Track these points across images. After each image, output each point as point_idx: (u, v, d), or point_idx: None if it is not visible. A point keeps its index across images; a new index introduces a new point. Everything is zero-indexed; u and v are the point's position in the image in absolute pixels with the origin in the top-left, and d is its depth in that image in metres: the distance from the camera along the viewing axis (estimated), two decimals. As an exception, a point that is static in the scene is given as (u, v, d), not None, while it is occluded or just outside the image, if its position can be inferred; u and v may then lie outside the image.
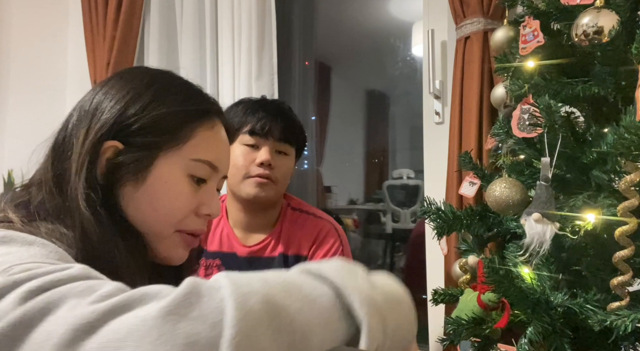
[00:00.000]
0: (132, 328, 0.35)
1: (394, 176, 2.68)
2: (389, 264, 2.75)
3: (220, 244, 1.23)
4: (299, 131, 1.22)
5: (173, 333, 0.35)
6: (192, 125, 0.63)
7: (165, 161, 0.61)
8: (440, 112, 1.66)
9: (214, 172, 0.67)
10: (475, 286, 0.95)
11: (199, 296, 0.37)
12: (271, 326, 0.38)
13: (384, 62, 2.61)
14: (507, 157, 1.02)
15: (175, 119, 0.62)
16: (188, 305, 0.37)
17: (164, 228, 0.62)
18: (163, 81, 0.66)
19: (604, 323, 0.76)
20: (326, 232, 1.19)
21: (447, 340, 0.98)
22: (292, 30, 2.45)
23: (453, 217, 1.02)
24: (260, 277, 0.42)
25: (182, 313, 0.36)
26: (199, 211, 0.65)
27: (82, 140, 0.60)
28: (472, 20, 1.48)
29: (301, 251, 1.18)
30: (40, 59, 2.47)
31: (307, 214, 1.24)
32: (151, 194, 0.61)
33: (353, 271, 0.47)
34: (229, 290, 0.38)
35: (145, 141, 0.61)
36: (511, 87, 0.97)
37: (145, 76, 0.65)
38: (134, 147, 0.61)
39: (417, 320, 0.49)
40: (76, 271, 0.42)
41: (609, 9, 0.80)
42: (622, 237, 0.75)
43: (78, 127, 0.61)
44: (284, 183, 1.19)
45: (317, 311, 0.41)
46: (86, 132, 0.60)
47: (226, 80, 2.09)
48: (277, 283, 0.42)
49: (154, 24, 2.25)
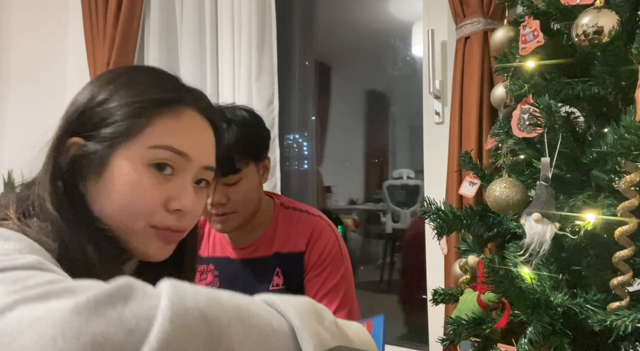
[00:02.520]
0: (37, 320, 0.33)
1: (394, 176, 2.69)
2: (389, 264, 2.75)
3: (213, 250, 1.22)
4: (244, 152, 1.07)
5: (80, 330, 0.33)
6: (149, 113, 0.60)
7: (122, 153, 0.59)
8: (440, 112, 1.66)
9: (182, 160, 0.62)
10: (475, 286, 0.95)
11: (126, 299, 0.35)
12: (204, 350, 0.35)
13: (384, 62, 2.61)
14: (507, 157, 1.02)
15: (129, 111, 0.60)
16: (108, 304, 0.35)
17: (132, 222, 0.59)
18: (127, 76, 0.64)
19: (604, 323, 0.76)
20: (321, 228, 1.18)
21: (447, 340, 0.98)
22: (292, 30, 2.45)
23: (453, 217, 1.02)
24: (213, 295, 0.39)
25: (99, 312, 0.34)
26: (168, 206, 0.61)
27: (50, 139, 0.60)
28: (472, 20, 1.48)
29: (297, 248, 1.17)
30: (41, 59, 2.47)
31: (300, 212, 1.22)
32: (112, 189, 0.59)
33: (319, 315, 0.44)
34: (167, 301, 0.36)
35: (102, 135, 0.59)
36: (511, 87, 0.97)
37: (113, 74, 0.65)
38: (94, 142, 0.60)
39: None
40: (24, 261, 0.41)
41: (609, 9, 0.80)
42: (622, 237, 0.75)
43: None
44: (247, 205, 1.11)
45: (264, 347, 0.39)
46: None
47: (226, 80, 2.09)
48: (230, 305, 0.39)
49: (154, 24, 2.26)
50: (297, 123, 2.55)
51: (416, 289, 2.30)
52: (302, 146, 2.64)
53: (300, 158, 2.65)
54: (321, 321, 0.44)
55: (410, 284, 2.46)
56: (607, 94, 0.84)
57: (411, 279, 2.44)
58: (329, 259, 1.15)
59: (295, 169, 2.65)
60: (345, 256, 1.19)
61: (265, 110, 2.01)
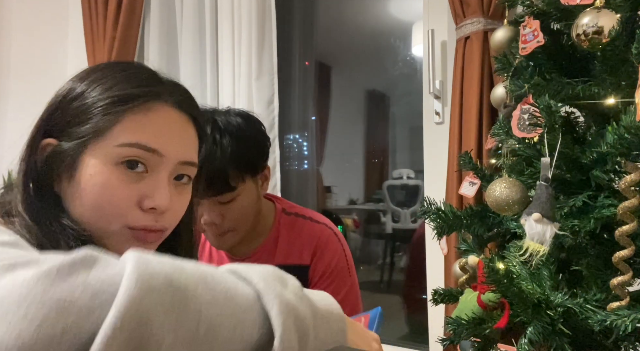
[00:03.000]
0: (1, 288, 0.34)
1: (394, 176, 2.68)
2: (389, 264, 2.75)
3: (210, 259, 1.16)
4: (239, 168, 0.97)
5: (43, 296, 0.33)
6: (116, 110, 0.58)
7: (92, 152, 0.58)
8: (440, 112, 1.66)
9: (155, 157, 0.59)
10: (475, 286, 0.95)
11: (89, 265, 0.36)
12: (172, 312, 0.36)
13: (384, 62, 2.60)
14: (507, 158, 1.02)
15: (96, 108, 0.58)
16: (72, 271, 0.35)
17: (107, 223, 0.58)
18: (101, 73, 0.62)
19: (604, 323, 0.75)
20: (326, 238, 1.11)
21: (447, 340, 0.98)
22: (292, 30, 2.46)
23: (453, 217, 1.02)
24: (177, 263, 0.40)
25: (61, 278, 0.34)
26: (142, 205, 0.59)
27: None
28: (472, 20, 1.48)
29: (302, 260, 1.09)
30: (40, 59, 2.47)
31: (303, 219, 1.14)
32: (83, 189, 0.58)
33: (283, 280, 0.45)
34: (132, 267, 0.36)
35: (74, 133, 0.58)
36: (511, 87, 0.97)
37: (89, 70, 0.63)
38: (66, 141, 0.59)
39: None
40: (1, 238, 0.42)
41: (609, 9, 0.80)
42: (622, 237, 0.75)
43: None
44: (244, 222, 1.03)
45: (231, 309, 0.39)
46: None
47: (226, 80, 2.09)
48: (194, 271, 0.40)
49: (154, 24, 2.26)
50: (297, 123, 2.55)
51: (417, 290, 2.30)
52: (302, 146, 2.64)
53: (300, 158, 2.65)
54: (285, 285, 0.44)
55: (413, 285, 2.46)
56: (607, 94, 0.84)
57: (415, 279, 2.44)
58: (335, 273, 1.09)
59: (295, 169, 2.65)
60: (351, 268, 1.13)
61: (265, 110, 2.01)
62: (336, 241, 1.13)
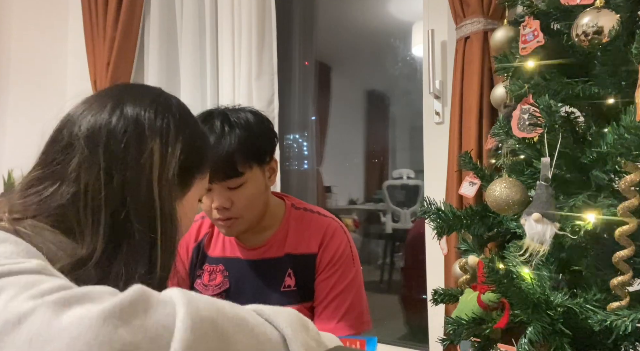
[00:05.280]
0: (70, 325, 0.34)
1: (394, 176, 2.68)
2: (388, 264, 2.75)
3: (223, 250, 1.21)
4: (246, 155, 1.05)
5: (111, 337, 0.34)
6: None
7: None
8: (440, 112, 1.66)
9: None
10: (475, 286, 0.95)
11: (145, 306, 0.37)
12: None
13: (384, 62, 2.60)
14: (507, 158, 1.02)
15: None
16: (133, 313, 0.36)
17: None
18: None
19: (604, 323, 0.76)
20: (333, 230, 1.18)
21: (447, 340, 0.98)
22: (292, 30, 2.46)
23: (453, 217, 1.02)
24: (218, 305, 0.42)
25: (124, 320, 0.35)
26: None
27: (160, 159, 0.63)
28: (472, 20, 1.48)
29: (310, 249, 1.16)
30: (41, 59, 2.47)
31: (311, 213, 1.21)
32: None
33: (305, 326, 0.49)
34: (184, 309, 0.38)
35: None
36: (511, 87, 0.97)
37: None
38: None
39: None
40: (30, 265, 0.42)
41: (609, 9, 0.80)
42: (622, 237, 0.75)
43: (143, 140, 0.62)
44: (251, 210, 1.09)
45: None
46: (166, 152, 0.64)
47: (226, 80, 2.09)
48: (231, 315, 0.43)
49: (154, 24, 2.26)
50: (297, 123, 2.55)
51: (417, 290, 2.30)
52: (302, 146, 2.64)
53: (300, 158, 2.64)
54: (307, 331, 0.49)
55: (412, 284, 2.46)
56: (607, 94, 0.84)
57: (412, 279, 2.44)
58: (341, 262, 1.15)
59: (295, 169, 2.65)
60: (356, 258, 1.19)
61: (265, 110, 2.00)
62: (342, 233, 1.20)
